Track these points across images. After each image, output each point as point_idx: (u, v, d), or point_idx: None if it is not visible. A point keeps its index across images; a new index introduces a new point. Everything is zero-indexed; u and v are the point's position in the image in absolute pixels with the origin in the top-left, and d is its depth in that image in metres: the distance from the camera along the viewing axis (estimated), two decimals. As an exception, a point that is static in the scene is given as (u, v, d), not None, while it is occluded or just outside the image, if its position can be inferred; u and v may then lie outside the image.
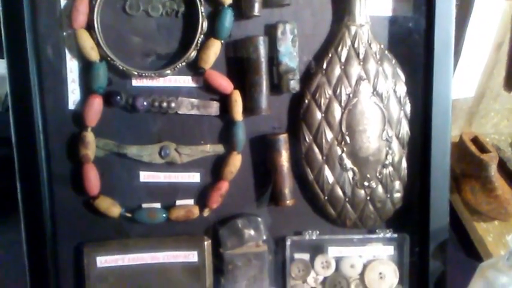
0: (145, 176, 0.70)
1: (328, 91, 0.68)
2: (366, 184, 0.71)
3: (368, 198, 0.72)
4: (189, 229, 0.71)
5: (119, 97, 0.66)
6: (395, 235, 0.73)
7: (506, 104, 0.95)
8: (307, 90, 0.69)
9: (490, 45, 0.85)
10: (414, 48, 0.70)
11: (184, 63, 0.65)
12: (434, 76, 0.68)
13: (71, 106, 0.68)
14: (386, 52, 0.69)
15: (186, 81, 0.68)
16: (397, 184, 0.72)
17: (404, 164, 0.72)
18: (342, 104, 0.69)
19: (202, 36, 0.65)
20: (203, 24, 0.65)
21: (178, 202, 0.71)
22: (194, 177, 0.70)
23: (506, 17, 0.84)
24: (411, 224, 0.74)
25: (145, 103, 0.66)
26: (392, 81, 0.69)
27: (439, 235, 0.71)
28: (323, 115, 0.69)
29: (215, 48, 0.65)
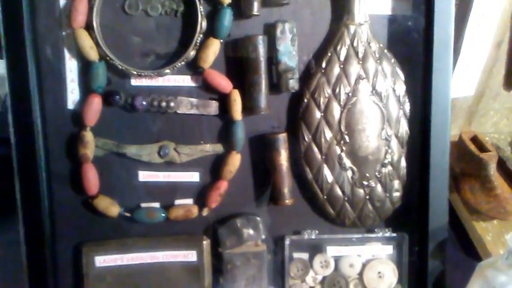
0: (144, 176, 0.70)
1: (327, 90, 0.68)
2: (365, 183, 0.71)
3: (367, 197, 0.72)
4: (188, 228, 0.71)
5: (118, 97, 0.66)
6: (394, 234, 0.73)
7: (505, 103, 0.95)
8: (306, 89, 0.68)
9: (490, 43, 0.85)
10: (413, 47, 0.70)
11: (183, 62, 0.65)
12: (433, 75, 0.68)
13: (70, 106, 0.68)
14: (385, 51, 0.69)
15: (185, 80, 0.68)
16: (396, 183, 0.72)
17: (403, 163, 0.72)
18: (341, 103, 0.69)
19: (201, 35, 0.65)
20: (202, 23, 0.65)
21: (177, 202, 0.71)
22: (193, 176, 0.70)
23: (505, 16, 0.84)
24: (410, 223, 0.74)
25: (144, 103, 0.66)
26: (391, 80, 0.69)
27: (438, 234, 0.71)
28: (322, 114, 0.69)
29: (214, 47, 0.65)
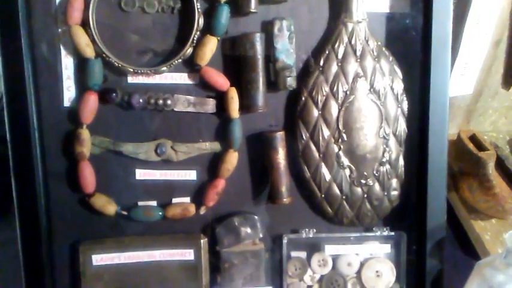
0: (141, 174, 0.69)
1: (325, 88, 0.68)
2: (363, 182, 0.71)
3: (365, 196, 0.71)
4: (186, 227, 0.71)
5: (115, 94, 0.66)
6: (392, 233, 0.73)
7: (504, 102, 0.95)
8: (304, 87, 0.68)
9: (488, 42, 0.84)
10: (412, 45, 0.70)
11: (180, 60, 0.65)
12: (431, 73, 0.67)
13: (66, 103, 0.67)
14: (383, 49, 0.69)
15: (182, 78, 0.68)
16: (394, 182, 0.72)
17: (401, 162, 0.71)
18: (339, 101, 0.68)
19: (198, 32, 0.65)
20: (199, 20, 0.64)
21: (174, 200, 0.70)
22: (190, 174, 0.70)
23: (504, 14, 0.83)
24: (408, 222, 0.73)
25: (141, 100, 0.66)
26: (389, 78, 0.69)
27: (436, 233, 0.71)
28: (320, 112, 0.69)
29: (211, 45, 0.65)
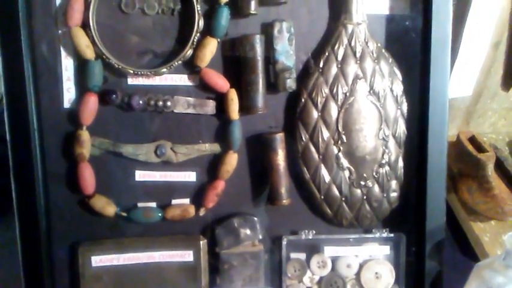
0: (141, 175, 0.69)
1: (324, 90, 0.68)
2: (363, 183, 0.71)
3: (364, 197, 0.71)
4: (185, 228, 0.71)
5: (115, 95, 0.66)
6: (391, 235, 0.73)
7: (503, 103, 0.95)
8: (303, 89, 0.68)
9: (488, 44, 0.84)
10: (411, 46, 0.70)
11: (180, 61, 0.65)
12: (431, 75, 0.67)
13: (66, 104, 0.67)
14: (383, 51, 0.69)
15: (182, 79, 0.68)
16: (394, 183, 0.72)
17: (400, 163, 0.71)
18: (339, 103, 0.68)
19: (198, 34, 0.65)
20: (199, 22, 0.64)
21: (174, 201, 0.70)
22: (190, 176, 0.70)
23: (503, 16, 0.84)
24: (407, 224, 0.73)
25: (141, 102, 0.66)
26: (389, 80, 0.69)
27: (436, 235, 0.71)
28: (319, 114, 0.69)
29: (211, 46, 0.65)
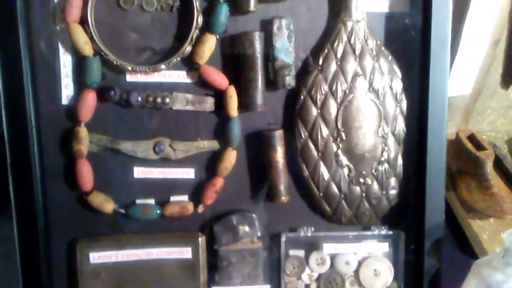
0: (139, 172, 0.69)
1: (324, 87, 0.68)
2: (362, 181, 0.71)
3: (363, 195, 0.71)
4: (184, 225, 0.71)
5: (113, 92, 0.66)
6: (390, 232, 0.73)
7: (502, 102, 0.95)
8: (303, 86, 0.68)
9: (487, 42, 0.84)
10: (411, 44, 0.70)
11: (179, 58, 0.65)
12: (430, 73, 0.67)
13: (65, 101, 0.67)
14: (382, 48, 0.69)
15: (181, 76, 0.67)
16: (393, 181, 0.72)
17: (400, 161, 0.71)
18: (338, 100, 0.68)
19: (197, 31, 0.65)
20: (198, 19, 0.64)
21: (172, 198, 0.70)
22: (189, 173, 0.70)
23: (503, 14, 0.83)
24: (406, 221, 0.73)
25: (139, 98, 0.66)
26: (388, 77, 0.69)
27: (435, 232, 0.71)
28: (319, 111, 0.68)
29: (210, 43, 0.65)
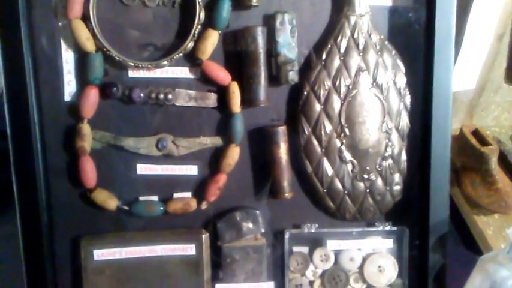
0: (142, 169, 0.69)
1: (327, 82, 0.68)
2: (366, 177, 0.70)
3: (367, 190, 0.71)
4: (187, 222, 0.71)
5: (116, 88, 0.65)
6: (394, 228, 0.73)
7: (507, 97, 0.94)
8: (306, 81, 0.68)
9: (491, 36, 0.84)
10: (414, 38, 0.69)
11: (181, 54, 0.65)
12: (434, 67, 0.67)
13: (67, 98, 0.67)
14: (386, 43, 0.68)
15: (184, 72, 0.67)
16: (397, 177, 0.71)
17: (404, 157, 0.71)
18: (341, 96, 0.68)
19: (199, 26, 0.64)
20: (200, 14, 0.64)
21: (175, 195, 0.70)
22: (192, 169, 0.70)
23: (507, 8, 0.83)
24: (411, 217, 0.73)
25: (142, 95, 0.66)
26: (392, 72, 0.68)
27: (439, 228, 0.71)
28: (322, 107, 0.68)
29: (213, 38, 0.64)
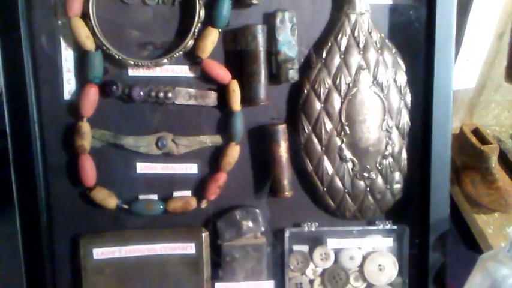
0: (142, 167, 0.69)
1: (327, 81, 0.67)
2: (366, 175, 0.70)
3: (367, 189, 0.71)
4: (187, 221, 0.71)
5: (115, 87, 0.65)
6: (395, 227, 0.73)
7: (507, 96, 0.94)
8: (306, 80, 0.68)
9: (492, 34, 0.84)
10: (415, 37, 0.69)
11: (181, 52, 0.64)
12: (435, 65, 0.67)
13: (67, 96, 0.67)
14: (386, 41, 0.68)
15: (184, 70, 0.67)
16: (397, 175, 0.71)
17: (404, 155, 0.71)
18: (342, 94, 0.68)
19: (199, 24, 0.64)
20: (200, 12, 0.64)
21: (175, 194, 0.70)
22: (192, 168, 0.70)
23: (508, 6, 0.83)
24: (411, 216, 0.73)
25: (141, 93, 0.66)
26: (392, 70, 0.68)
27: (439, 227, 0.71)
28: (322, 105, 0.68)
29: (213, 37, 0.64)
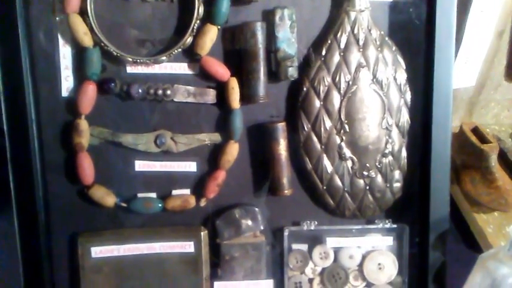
0: (140, 165, 0.69)
1: (327, 78, 0.67)
2: (365, 173, 0.70)
3: (367, 188, 0.71)
4: (186, 219, 0.70)
5: (113, 84, 0.65)
6: (394, 225, 0.72)
7: (506, 94, 0.94)
8: (305, 77, 0.67)
9: (492, 33, 0.84)
10: (415, 34, 0.69)
11: (180, 49, 0.64)
12: (435, 63, 0.67)
13: (64, 93, 0.66)
14: (386, 38, 0.68)
15: (182, 68, 0.67)
16: (397, 174, 0.71)
17: (404, 153, 0.71)
18: (341, 92, 0.68)
19: (198, 21, 0.64)
20: (199, 9, 0.63)
21: (174, 192, 0.70)
22: (190, 166, 0.69)
23: (507, 5, 0.83)
24: (411, 215, 0.73)
25: (140, 90, 0.65)
26: (392, 68, 0.68)
27: (439, 226, 0.70)
28: (322, 103, 0.68)
29: (212, 34, 0.64)
